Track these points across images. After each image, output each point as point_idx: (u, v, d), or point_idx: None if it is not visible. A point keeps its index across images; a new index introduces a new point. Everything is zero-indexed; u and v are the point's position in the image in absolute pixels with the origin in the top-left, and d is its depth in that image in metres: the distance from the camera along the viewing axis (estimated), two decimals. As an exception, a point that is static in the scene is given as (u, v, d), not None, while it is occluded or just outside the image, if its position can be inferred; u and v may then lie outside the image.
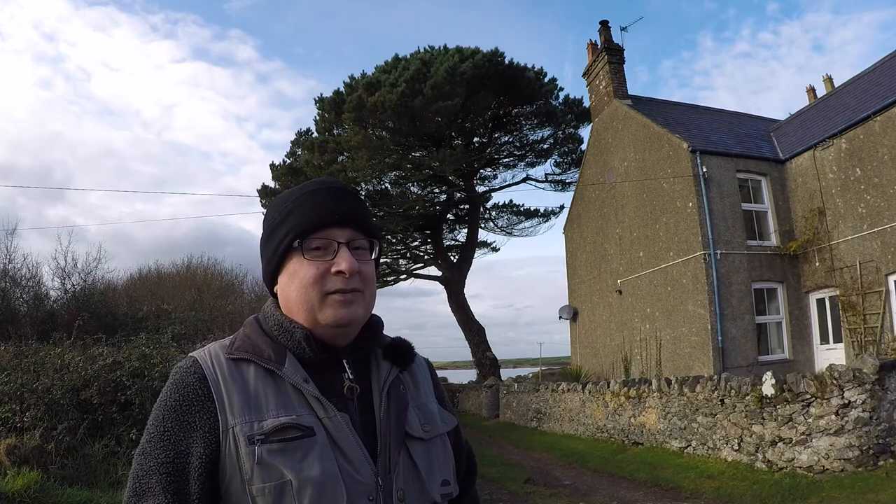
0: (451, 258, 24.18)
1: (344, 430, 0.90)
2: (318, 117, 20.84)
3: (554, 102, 21.38)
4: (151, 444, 0.86)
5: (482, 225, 24.42)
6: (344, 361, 0.98)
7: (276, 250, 0.98)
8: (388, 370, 1.02)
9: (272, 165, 21.49)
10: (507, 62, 19.38)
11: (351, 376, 0.97)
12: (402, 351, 1.05)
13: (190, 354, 0.95)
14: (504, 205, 24.61)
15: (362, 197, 1.28)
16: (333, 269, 0.94)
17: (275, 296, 1.03)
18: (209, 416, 0.87)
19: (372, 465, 0.90)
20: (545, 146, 22.73)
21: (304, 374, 0.92)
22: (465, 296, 23.41)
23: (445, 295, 23.54)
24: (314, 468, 0.84)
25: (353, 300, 0.95)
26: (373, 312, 1.06)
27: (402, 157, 20.12)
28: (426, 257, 24.88)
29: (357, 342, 1.01)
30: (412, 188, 22.44)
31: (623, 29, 18.18)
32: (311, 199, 0.99)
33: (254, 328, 0.99)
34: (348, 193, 1.02)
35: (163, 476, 0.84)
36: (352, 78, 19.45)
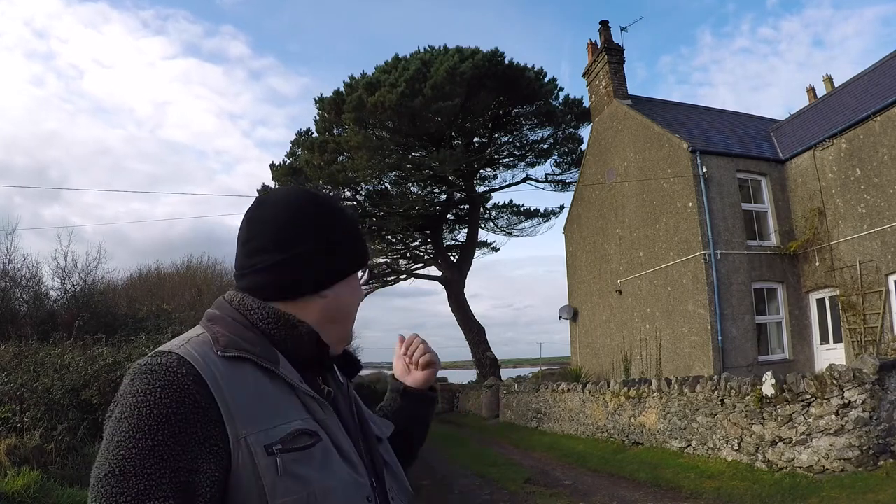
0: (451, 258, 24.20)
1: (340, 431, 0.89)
2: (318, 117, 20.85)
3: (554, 102, 21.41)
4: (135, 461, 0.71)
5: (482, 225, 24.45)
6: (334, 366, 1.01)
7: (351, 263, 1.00)
8: (342, 378, 1.04)
9: (272, 165, 21.51)
10: (506, 62, 19.41)
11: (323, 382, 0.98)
12: (352, 362, 1.07)
13: (165, 350, 0.80)
14: (504, 205, 24.68)
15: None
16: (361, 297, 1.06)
17: (282, 290, 0.91)
18: (214, 426, 0.75)
19: (363, 466, 0.90)
20: (545, 146, 22.77)
21: (297, 373, 0.88)
22: (465, 296, 23.45)
23: (445, 295, 23.57)
24: (332, 476, 0.81)
25: None
26: None
27: (402, 157, 20.14)
28: (426, 257, 24.90)
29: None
30: (412, 188, 22.47)
31: (623, 29, 18.23)
32: (361, 233, 1.05)
33: (229, 322, 0.88)
34: None
35: (160, 500, 0.70)
36: (352, 78, 19.47)
